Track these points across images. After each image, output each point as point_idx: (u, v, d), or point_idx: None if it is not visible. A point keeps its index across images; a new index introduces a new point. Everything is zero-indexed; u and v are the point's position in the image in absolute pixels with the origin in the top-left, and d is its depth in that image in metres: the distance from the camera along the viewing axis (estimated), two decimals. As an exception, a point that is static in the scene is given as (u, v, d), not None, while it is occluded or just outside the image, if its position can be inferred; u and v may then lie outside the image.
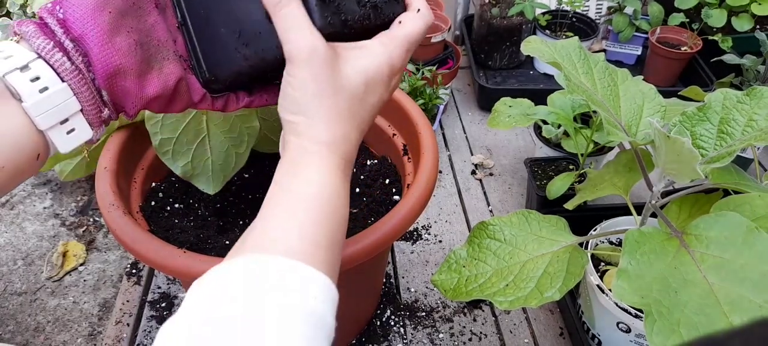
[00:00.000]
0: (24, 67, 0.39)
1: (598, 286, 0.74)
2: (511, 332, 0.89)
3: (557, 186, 0.94)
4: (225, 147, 0.72)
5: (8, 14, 1.16)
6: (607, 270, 0.83)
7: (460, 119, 1.37)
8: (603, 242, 0.87)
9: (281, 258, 0.37)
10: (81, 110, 0.42)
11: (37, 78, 0.39)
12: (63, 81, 0.40)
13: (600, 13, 1.55)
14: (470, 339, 0.88)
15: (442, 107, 1.28)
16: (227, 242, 0.70)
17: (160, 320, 0.89)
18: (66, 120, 0.41)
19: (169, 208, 0.75)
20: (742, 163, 1.08)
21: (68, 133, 0.41)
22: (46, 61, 0.40)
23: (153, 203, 0.73)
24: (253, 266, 0.36)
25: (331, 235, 0.41)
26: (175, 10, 0.47)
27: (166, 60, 0.46)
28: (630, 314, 0.71)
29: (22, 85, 0.38)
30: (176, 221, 0.72)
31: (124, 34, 0.42)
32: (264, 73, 0.47)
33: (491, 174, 1.21)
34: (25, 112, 0.39)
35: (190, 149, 0.71)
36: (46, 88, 0.39)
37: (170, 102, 0.46)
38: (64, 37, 0.40)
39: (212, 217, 0.76)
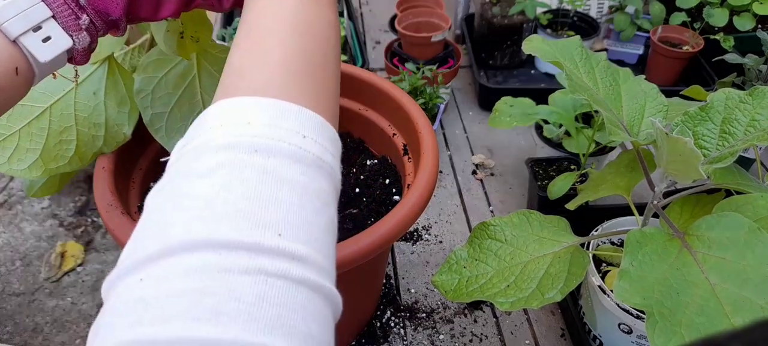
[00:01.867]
0: None
1: (599, 287, 0.74)
2: (512, 334, 0.89)
3: (558, 186, 0.93)
4: None
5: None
6: (608, 271, 0.82)
7: (461, 119, 1.36)
8: (605, 243, 0.87)
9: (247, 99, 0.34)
10: (53, 16, 0.41)
11: None
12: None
13: (601, 12, 1.55)
14: (471, 340, 0.87)
15: (442, 107, 1.27)
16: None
17: (159, 320, 0.89)
18: (39, 28, 0.40)
19: (167, 208, 0.74)
20: (745, 163, 1.08)
21: (44, 41, 0.40)
22: None
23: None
24: (226, 108, 0.33)
25: (308, 57, 0.38)
26: None
27: None
28: (631, 315, 0.71)
29: None
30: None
31: None
32: None
33: (492, 174, 1.20)
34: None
35: (185, 125, 0.66)
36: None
37: (159, 1, 0.45)
38: None
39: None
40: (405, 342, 0.87)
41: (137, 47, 0.71)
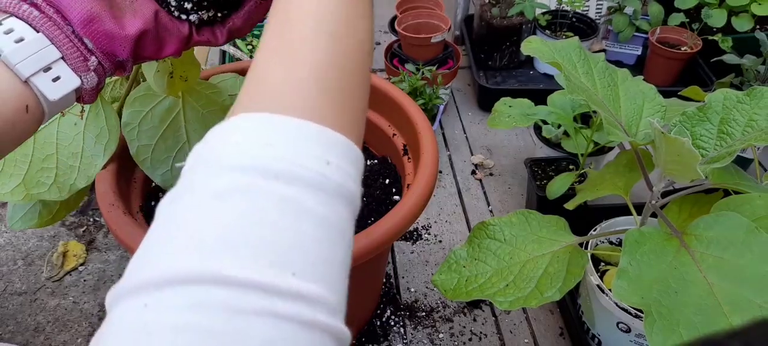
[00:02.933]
0: None
1: (598, 286, 0.74)
2: (511, 332, 0.89)
3: (557, 186, 0.94)
4: None
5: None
6: (607, 270, 0.83)
7: (460, 119, 1.37)
8: (603, 242, 0.87)
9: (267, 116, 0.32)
10: (62, 58, 0.42)
11: (11, 30, 0.40)
12: (37, 31, 0.41)
13: (600, 13, 1.55)
14: (470, 339, 0.88)
15: (442, 107, 1.28)
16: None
17: (160, 320, 0.89)
18: (49, 68, 0.41)
19: (169, 208, 0.75)
20: (743, 163, 1.08)
21: (54, 80, 0.42)
22: (16, 16, 0.41)
23: (153, 203, 0.73)
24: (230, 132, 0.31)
25: (341, 68, 0.35)
26: None
27: (136, 0, 0.46)
28: (630, 314, 0.71)
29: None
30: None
31: None
32: None
33: (491, 174, 1.21)
34: (6, 64, 0.40)
35: (170, 156, 0.69)
36: (21, 39, 0.40)
37: (161, 40, 0.47)
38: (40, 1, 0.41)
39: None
40: (405, 341, 0.87)
41: (119, 80, 0.72)
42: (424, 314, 0.91)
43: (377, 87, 0.83)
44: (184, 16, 0.48)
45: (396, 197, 0.78)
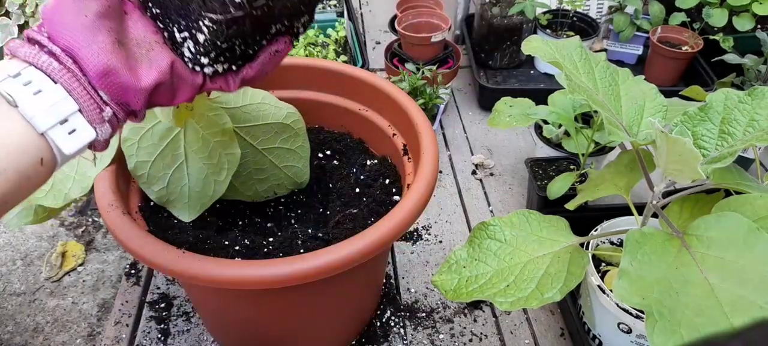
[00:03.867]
0: (16, 75, 0.40)
1: (599, 286, 0.74)
2: (511, 333, 0.89)
3: (558, 186, 0.93)
4: (203, 174, 0.70)
5: (7, 14, 1.16)
6: (608, 271, 0.82)
7: (461, 119, 1.36)
8: (604, 243, 0.87)
9: None
10: (79, 110, 0.42)
11: (30, 82, 0.40)
12: (55, 82, 0.41)
13: (601, 12, 1.55)
14: (471, 340, 0.88)
15: (442, 107, 1.27)
16: (226, 242, 0.69)
17: (159, 320, 0.89)
18: (65, 121, 0.41)
19: (168, 208, 0.74)
20: (744, 163, 1.08)
21: (70, 133, 0.42)
22: (36, 67, 0.41)
23: (152, 203, 0.73)
24: None
25: None
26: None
27: (152, 50, 0.47)
28: (631, 314, 0.71)
29: (16, 90, 0.39)
30: (175, 221, 0.72)
31: (105, 33, 0.43)
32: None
33: (492, 174, 1.21)
34: (23, 116, 0.39)
35: (167, 174, 0.70)
36: (39, 91, 0.40)
37: (174, 89, 0.47)
38: (50, 45, 0.41)
39: (211, 217, 0.76)
40: (405, 342, 0.87)
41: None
42: (424, 314, 0.91)
43: (377, 87, 0.83)
44: (198, 68, 0.49)
45: (396, 197, 0.77)
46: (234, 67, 0.50)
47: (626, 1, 1.42)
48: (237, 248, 0.69)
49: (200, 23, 0.47)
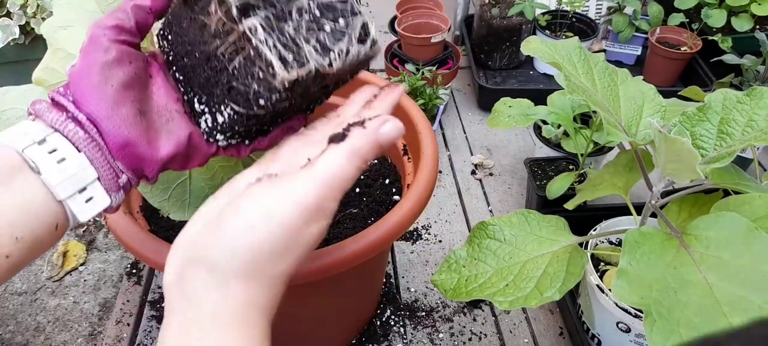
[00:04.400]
0: (41, 141, 0.40)
1: (597, 286, 0.74)
2: (510, 332, 0.89)
3: (557, 186, 0.94)
4: (204, 193, 0.70)
5: (8, 14, 1.16)
6: (606, 270, 0.83)
7: (460, 119, 1.37)
8: (603, 242, 0.87)
9: None
10: (98, 178, 0.43)
11: (55, 150, 0.40)
12: (79, 151, 0.41)
13: (600, 13, 1.55)
14: (470, 339, 0.88)
15: (442, 107, 1.28)
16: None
17: (161, 319, 0.89)
18: (84, 189, 0.42)
19: (169, 208, 0.75)
20: (742, 163, 1.08)
21: (87, 201, 0.42)
22: (61, 134, 0.41)
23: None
24: None
25: None
26: (172, 73, 0.50)
27: (172, 121, 0.48)
28: (630, 314, 0.71)
29: (40, 158, 0.40)
30: (176, 221, 0.72)
31: (128, 105, 0.44)
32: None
33: (491, 174, 1.21)
34: (44, 184, 0.40)
35: (169, 188, 0.70)
36: (63, 159, 0.40)
37: (188, 158, 0.48)
38: (76, 112, 0.42)
39: (212, 217, 0.76)
40: (405, 341, 0.87)
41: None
42: (424, 313, 0.91)
43: (377, 87, 0.83)
44: (213, 140, 0.49)
45: (396, 197, 0.78)
46: (247, 142, 0.51)
47: (625, 2, 1.42)
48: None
49: (221, 107, 0.48)
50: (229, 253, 0.35)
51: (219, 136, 0.49)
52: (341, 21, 0.46)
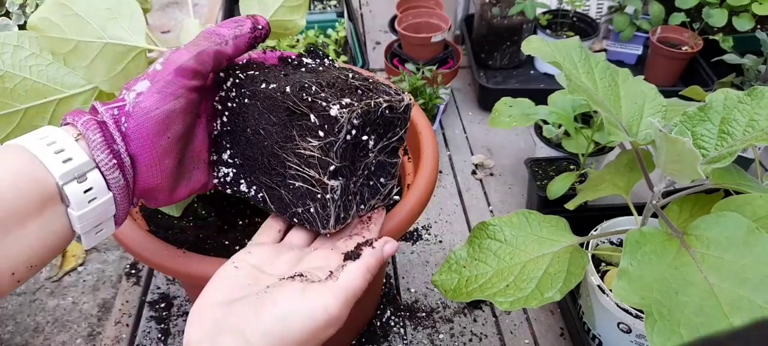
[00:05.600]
0: (81, 178, 0.40)
1: (598, 286, 0.74)
2: (511, 333, 0.89)
3: (558, 186, 0.94)
4: None
5: (8, 14, 1.16)
6: (607, 270, 0.83)
7: (461, 119, 1.36)
8: (604, 243, 0.87)
9: None
10: (114, 215, 0.44)
11: (90, 189, 0.40)
12: (109, 189, 0.42)
13: (601, 12, 1.55)
14: (470, 340, 0.88)
15: (442, 107, 1.28)
16: (226, 242, 0.70)
17: (159, 320, 0.89)
18: (100, 224, 0.43)
19: (168, 208, 0.75)
20: (743, 163, 1.08)
21: (97, 233, 0.43)
22: (100, 171, 0.41)
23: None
24: None
25: None
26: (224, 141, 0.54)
27: (196, 169, 0.50)
28: (631, 314, 0.71)
29: (75, 196, 0.40)
30: (175, 221, 0.72)
31: (173, 157, 0.46)
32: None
33: (492, 174, 1.21)
34: (68, 216, 0.40)
35: None
36: (94, 198, 0.41)
37: (190, 194, 0.52)
38: (124, 154, 0.42)
39: (212, 217, 0.76)
40: (405, 341, 0.87)
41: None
42: (424, 314, 0.91)
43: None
44: (216, 183, 0.55)
45: (396, 197, 0.77)
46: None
47: (626, 1, 1.42)
48: (237, 248, 0.69)
49: (253, 185, 0.53)
50: (262, 334, 0.40)
51: (228, 189, 0.54)
52: (383, 179, 0.56)
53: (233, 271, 0.45)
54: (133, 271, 0.98)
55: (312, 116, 0.46)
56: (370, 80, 0.52)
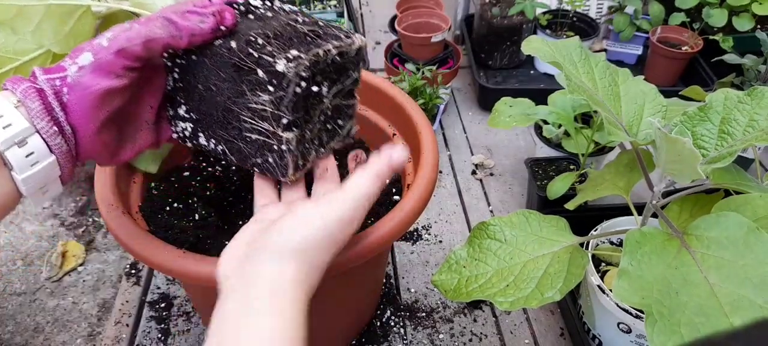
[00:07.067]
0: (22, 143, 0.41)
1: (598, 286, 0.74)
2: (511, 333, 0.89)
3: (558, 186, 0.93)
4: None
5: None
6: (607, 270, 0.83)
7: (461, 119, 1.36)
8: (604, 243, 0.87)
9: None
10: (59, 176, 0.45)
11: (32, 153, 0.42)
12: (52, 153, 0.43)
13: (601, 12, 1.55)
14: (470, 340, 0.88)
15: (442, 107, 1.27)
16: (226, 243, 0.69)
17: (160, 320, 0.89)
18: (45, 185, 0.45)
19: (168, 208, 0.74)
20: (743, 163, 1.08)
21: (43, 193, 0.45)
22: (41, 136, 0.42)
23: (152, 203, 0.73)
24: None
25: None
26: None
27: (142, 131, 0.51)
28: (631, 314, 0.71)
29: (18, 160, 0.42)
30: (176, 221, 0.72)
31: (112, 131, 0.47)
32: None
33: (492, 174, 1.21)
34: (13, 180, 0.42)
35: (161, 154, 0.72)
36: (36, 162, 0.42)
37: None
38: (65, 123, 0.43)
39: (212, 217, 0.76)
40: (405, 341, 0.87)
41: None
42: (424, 314, 0.91)
43: (377, 87, 0.83)
44: (175, 137, 0.55)
45: (396, 197, 0.77)
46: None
47: (626, 1, 1.42)
48: (237, 247, 0.69)
49: (212, 139, 0.54)
50: (287, 237, 0.44)
51: (188, 143, 0.54)
52: (340, 122, 0.57)
53: (250, 228, 0.49)
54: (133, 271, 0.98)
55: (259, 72, 0.47)
56: (319, 25, 0.52)
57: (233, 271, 0.45)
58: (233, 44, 0.48)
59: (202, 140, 0.54)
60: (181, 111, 0.53)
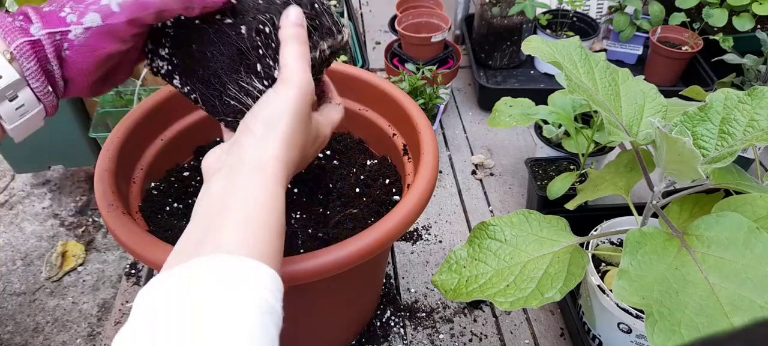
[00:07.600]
0: (12, 97, 0.43)
1: (598, 286, 0.74)
2: (511, 333, 0.89)
3: (558, 186, 0.93)
4: None
5: (7, 13, 1.16)
6: (607, 271, 0.82)
7: (461, 119, 1.36)
8: (604, 243, 0.87)
9: (241, 258, 0.39)
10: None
11: (22, 106, 0.43)
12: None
13: (601, 12, 1.55)
14: (471, 340, 0.88)
15: (442, 107, 1.27)
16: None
17: (160, 320, 0.89)
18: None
19: (168, 208, 0.74)
20: (744, 163, 1.08)
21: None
22: (33, 91, 0.44)
23: (152, 203, 0.73)
24: (217, 265, 0.38)
25: (279, 232, 0.44)
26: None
27: (120, 67, 0.51)
28: (631, 314, 0.71)
29: (8, 113, 0.43)
30: (175, 221, 0.72)
31: (104, 81, 0.49)
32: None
33: (492, 174, 1.21)
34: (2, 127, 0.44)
35: None
36: (25, 113, 0.44)
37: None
38: (58, 76, 0.44)
39: (212, 217, 0.76)
40: (405, 342, 0.87)
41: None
42: (424, 314, 0.91)
43: (377, 87, 0.83)
44: (154, 72, 0.56)
45: (396, 197, 0.77)
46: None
47: (626, 1, 1.42)
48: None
49: (194, 92, 0.55)
50: (268, 119, 0.46)
51: (160, 78, 0.56)
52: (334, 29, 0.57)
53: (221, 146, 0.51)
54: (133, 271, 0.98)
55: (258, 67, 0.50)
56: (316, 21, 0.54)
57: (216, 160, 0.48)
58: (243, 30, 0.50)
59: (177, 83, 0.56)
60: (163, 51, 0.54)
